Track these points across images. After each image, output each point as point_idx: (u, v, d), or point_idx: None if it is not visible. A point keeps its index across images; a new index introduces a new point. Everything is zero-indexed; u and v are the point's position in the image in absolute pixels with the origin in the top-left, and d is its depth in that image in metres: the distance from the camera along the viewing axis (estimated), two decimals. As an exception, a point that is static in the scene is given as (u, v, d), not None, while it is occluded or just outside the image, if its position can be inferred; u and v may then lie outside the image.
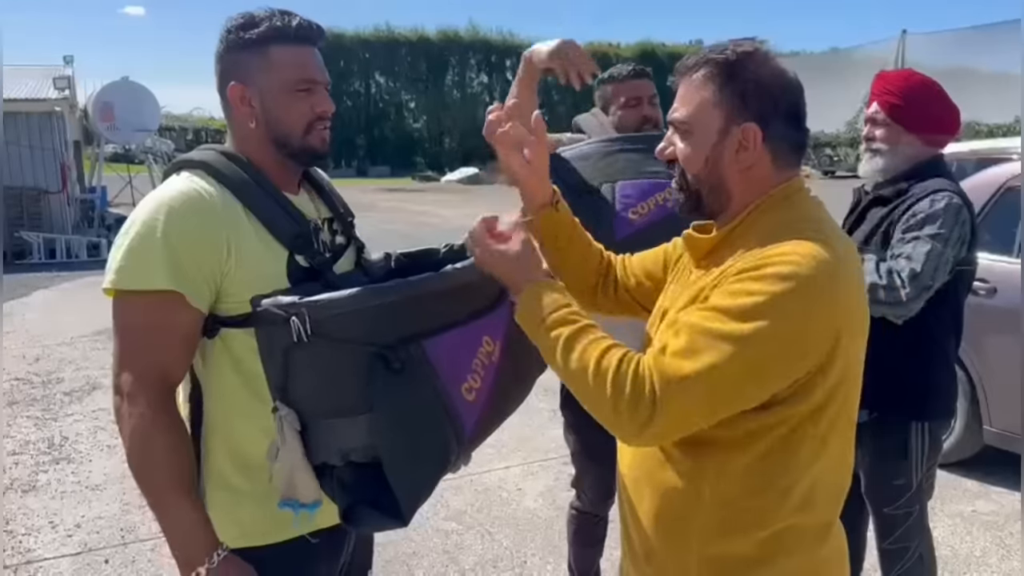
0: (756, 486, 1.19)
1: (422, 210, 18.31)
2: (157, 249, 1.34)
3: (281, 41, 1.42)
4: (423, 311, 1.32)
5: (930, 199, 2.18)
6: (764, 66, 1.24)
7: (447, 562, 3.32)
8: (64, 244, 12.21)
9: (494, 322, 1.45)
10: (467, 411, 1.37)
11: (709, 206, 1.29)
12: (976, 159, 6.73)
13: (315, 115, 1.45)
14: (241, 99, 1.44)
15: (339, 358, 1.26)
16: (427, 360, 1.30)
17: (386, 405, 1.26)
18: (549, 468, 4.25)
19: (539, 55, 2.17)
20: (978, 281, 3.85)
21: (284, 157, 1.47)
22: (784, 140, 1.24)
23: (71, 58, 16.47)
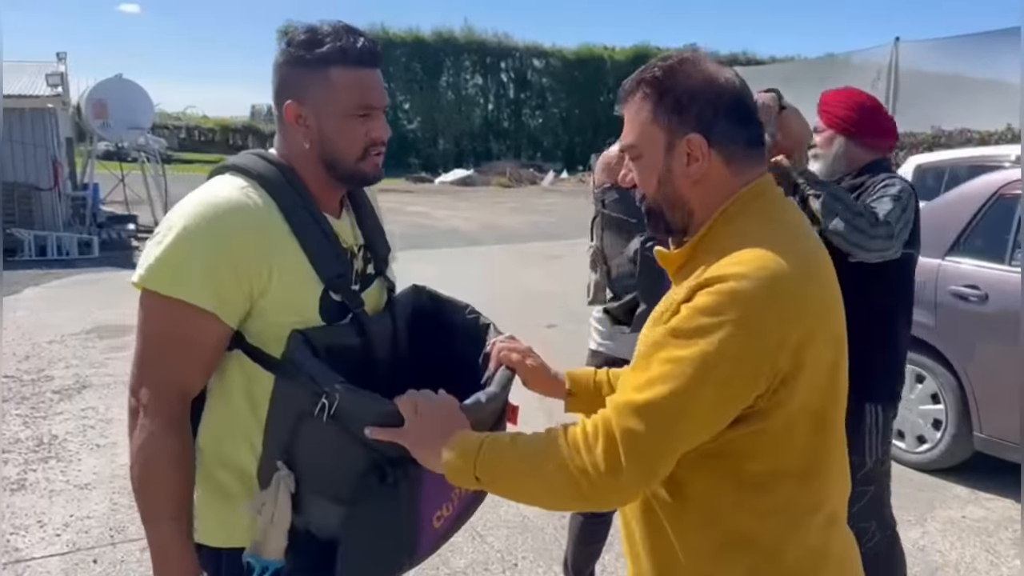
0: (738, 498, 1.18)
1: (417, 211, 18.29)
2: (197, 260, 1.30)
3: (343, 63, 1.37)
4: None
5: (884, 183, 2.39)
6: (694, 74, 1.22)
7: (438, 564, 3.31)
8: (55, 241, 12.14)
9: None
10: (428, 537, 1.41)
11: (675, 224, 1.28)
12: (968, 166, 6.80)
13: (370, 140, 1.41)
14: (297, 118, 1.39)
15: (343, 449, 1.28)
16: (418, 485, 1.33)
17: (365, 510, 1.29)
18: (541, 471, 4.24)
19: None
20: (969, 288, 3.88)
21: (333, 179, 1.44)
22: (733, 142, 1.22)
23: (64, 55, 16.38)
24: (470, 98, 35.96)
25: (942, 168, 7.28)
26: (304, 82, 1.38)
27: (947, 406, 3.99)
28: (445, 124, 34.80)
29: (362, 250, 1.52)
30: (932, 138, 17.50)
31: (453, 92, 35.38)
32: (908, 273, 2.47)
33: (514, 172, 28.20)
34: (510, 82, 36.20)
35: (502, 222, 16.10)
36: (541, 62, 36.05)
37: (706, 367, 1.08)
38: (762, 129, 1.29)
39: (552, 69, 35.98)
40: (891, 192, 2.33)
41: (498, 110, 36.26)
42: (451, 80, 35.35)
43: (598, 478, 1.10)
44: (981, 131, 16.86)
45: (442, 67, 34.90)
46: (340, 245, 1.44)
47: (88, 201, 14.21)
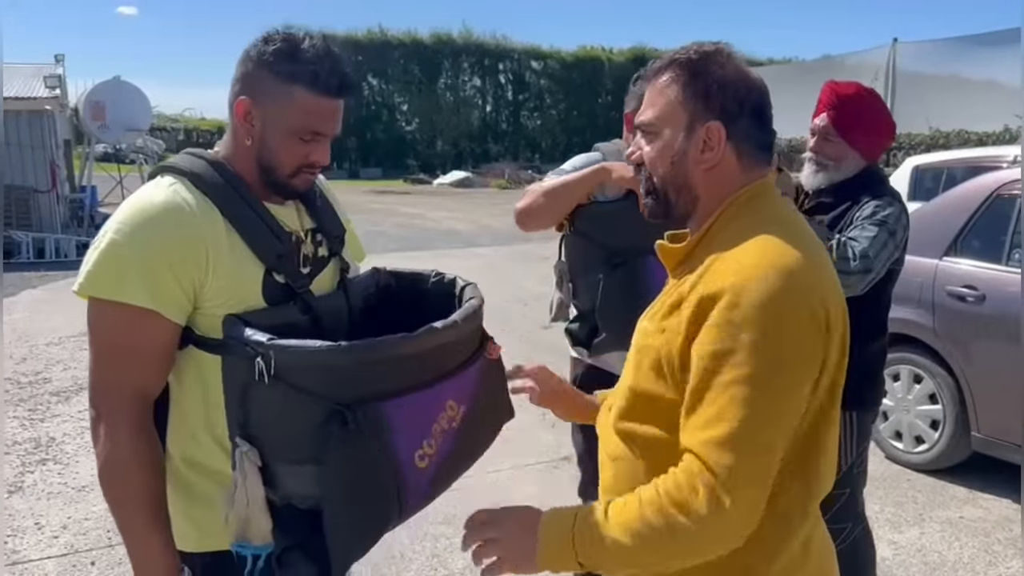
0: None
1: (414, 212, 18.29)
2: (133, 262, 1.32)
3: (309, 87, 1.37)
4: (390, 371, 1.29)
5: (874, 204, 2.35)
6: (727, 66, 1.25)
7: (436, 565, 3.31)
8: (53, 243, 12.14)
9: (462, 384, 1.43)
10: (415, 479, 1.34)
11: (677, 208, 1.29)
12: (966, 166, 6.81)
13: (308, 162, 1.44)
14: (245, 115, 1.41)
15: (296, 406, 1.25)
16: (385, 423, 1.27)
17: (335, 463, 1.24)
18: (539, 472, 4.24)
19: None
20: (967, 288, 3.89)
21: (262, 181, 1.45)
22: (748, 139, 1.25)
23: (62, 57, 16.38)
24: (468, 100, 36.04)
25: (940, 169, 7.30)
26: (265, 87, 1.39)
27: (945, 406, 4.00)
28: (443, 126, 34.83)
29: (311, 234, 1.53)
30: (930, 139, 17.53)
31: (451, 94, 35.45)
32: (887, 286, 2.46)
33: (512, 174, 28.21)
34: (508, 84, 36.30)
35: (499, 224, 16.09)
36: (539, 64, 36.12)
37: (769, 379, 1.08)
38: (773, 137, 1.30)
39: (550, 71, 36.06)
40: (880, 216, 2.31)
41: (496, 112, 36.33)
42: (449, 82, 35.41)
43: (711, 524, 1.08)
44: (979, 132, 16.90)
45: (440, 69, 34.96)
46: (281, 228, 1.45)
47: (86, 203, 14.21)
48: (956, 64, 18.99)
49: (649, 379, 1.22)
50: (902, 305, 3.90)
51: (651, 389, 1.22)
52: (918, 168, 7.56)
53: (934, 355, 4.03)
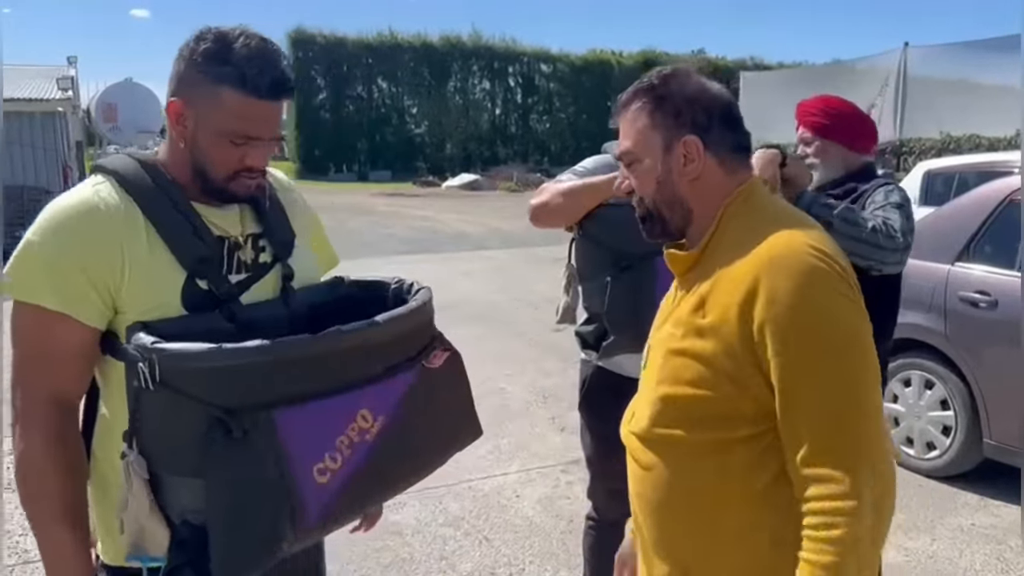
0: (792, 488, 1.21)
1: (424, 215, 18.33)
2: (43, 264, 1.30)
3: (239, 89, 1.33)
4: (285, 376, 1.22)
5: (884, 190, 2.42)
6: (688, 83, 1.33)
7: (445, 568, 3.31)
8: (64, 244, 12.21)
9: (382, 394, 1.34)
10: (314, 495, 1.24)
11: (674, 224, 1.36)
12: (977, 171, 6.78)
13: (243, 166, 1.39)
14: (177, 117, 1.37)
15: (180, 414, 1.18)
16: (275, 433, 1.19)
17: (218, 475, 1.16)
18: (548, 475, 4.24)
19: None
20: (979, 294, 3.87)
21: (198, 185, 1.41)
22: (724, 144, 1.32)
23: (75, 59, 16.54)
24: (478, 103, 36.05)
25: (951, 173, 7.27)
26: (196, 88, 1.35)
27: (956, 412, 3.98)
28: (452, 128, 34.87)
29: (253, 239, 1.48)
30: (940, 143, 17.48)
31: (461, 97, 35.47)
32: (896, 282, 2.47)
33: (521, 177, 28.21)
34: (517, 87, 36.30)
35: (509, 226, 16.09)
36: (548, 67, 36.13)
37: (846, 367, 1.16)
38: (748, 138, 1.38)
39: (559, 74, 36.06)
40: (894, 200, 2.35)
41: (505, 115, 36.32)
42: (459, 85, 35.44)
43: (874, 523, 1.13)
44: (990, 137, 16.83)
45: (450, 72, 35.00)
46: (208, 232, 1.40)
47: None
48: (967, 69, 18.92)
49: (691, 384, 1.24)
50: (913, 310, 3.89)
51: (692, 394, 1.24)
52: (929, 173, 7.53)
53: (946, 361, 4.01)
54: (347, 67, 33.35)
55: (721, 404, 1.22)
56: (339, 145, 33.22)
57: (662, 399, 1.28)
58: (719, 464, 1.23)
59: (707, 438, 1.24)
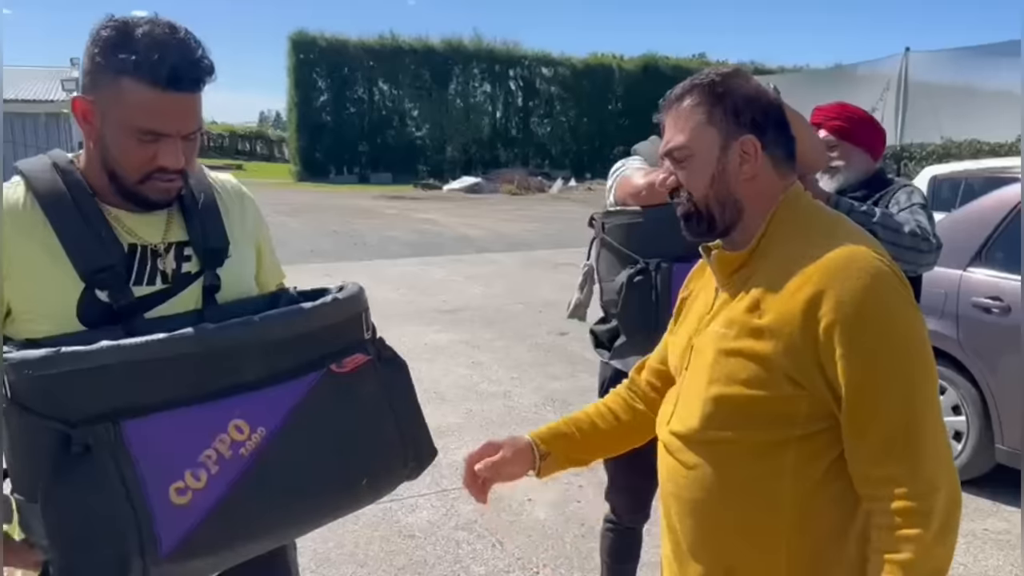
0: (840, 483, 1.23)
1: (426, 218, 18.33)
2: None
3: (138, 78, 1.22)
4: (138, 383, 1.09)
5: (905, 191, 2.50)
6: (747, 84, 1.34)
7: (459, 571, 3.31)
8: (68, 245, 12.22)
9: (265, 402, 1.17)
10: (170, 519, 1.07)
11: (723, 223, 1.35)
12: (984, 177, 6.79)
13: (156, 167, 1.28)
14: (84, 114, 1.28)
15: (26, 431, 1.05)
16: (121, 447, 1.06)
17: (54, 499, 1.02)
18: (558, 479, 4.22)
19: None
20: (991, 299, 3.87)
21: (116, 189, 1.32)
22: (778, 147, 1.34)
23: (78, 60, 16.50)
24: (479, 106, 36.06)
25: (958, 179, 7.28)
26: (97, 82, 1.26)
27: (968, 418, 3.98)
28: (453, 131, 34.88)
29: (176, 247, 1.38)
30: (942, 148, 17.49)
31: (462, 100, 35.49)
32: (918, 284, 2.53)
33: (522, 180, 28.23)
34: (519, 90, 36.30)
35: (511, 229, 16.12)
36: (550, 70, 36.15)
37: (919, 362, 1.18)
38: (794, 143, 1.39)
39: (561, 77, 36.08)
40: (917, 201, 2.41)
41: (506, 118, 36.32)
42: (460, 88, 35.45)
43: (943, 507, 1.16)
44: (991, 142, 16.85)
45: (451, 75, 35.01)
46: (114, 240, 1.30)
47: (100, 205, 14.31)
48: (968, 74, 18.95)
49: (747, 384, 1.24)
50: (925, 315, 3.87)
51: (749, 394, 1.24)
52: (936, 179, 7.54)
53: (958, 366, 4.02)
54: (348, 69, 33.36)
55: (778, 404, 1.22)
56: (340, 147, 33.22)
57: (715, 399, 1.28)
58: (772, 463, 1.24)
59: (762, 438, 1.25)
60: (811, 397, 1.20)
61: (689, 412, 1.34)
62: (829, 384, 1.19)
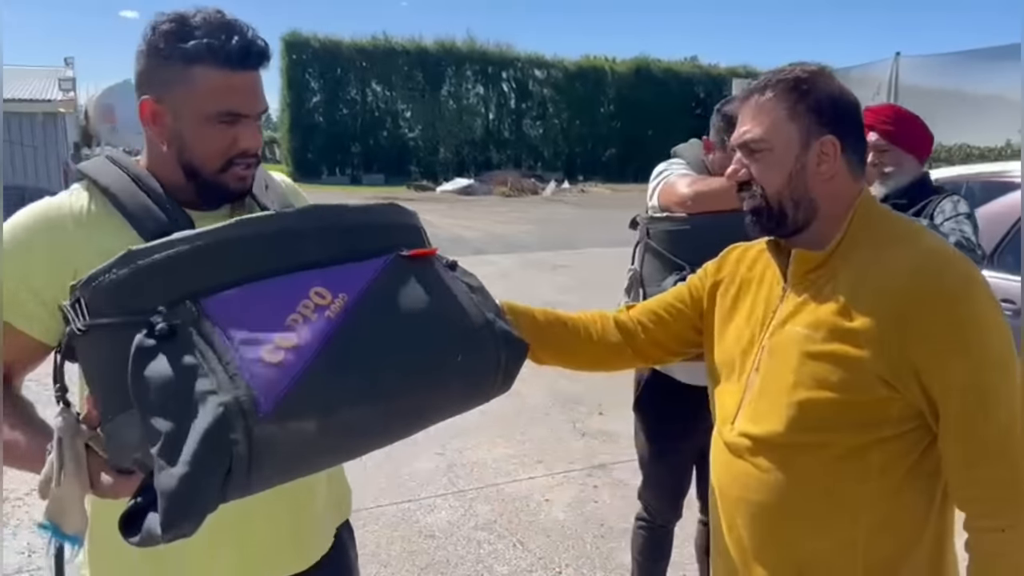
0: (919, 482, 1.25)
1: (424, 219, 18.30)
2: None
3: (210, 63, 1.23)
4: (218, 262, 1.07)
5: (951, 200, 2.53)
6: (831, 84, 1.32)
7: (482, 571, 3.33)
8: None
9: (344, 274, 1.14)
10: (264, 378, 1.00)
11: (794, 222, 1.33)
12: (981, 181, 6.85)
13: (237, 150, 1.29)
14: (153, 117, 1.28)
15: (115, 342, 1.02)
16: (207, 317, 1.02)
17: (142, 382, 0.98)
18: (574, 480, 4.26)
19: None
20: (1004, 302, 3.92)
21: (193, 186, 1.32)
22: (855, 151, 1.33)
23: (72, 59, 16.48)
24: (471, 107, 36.11)
25: (957, 184, 7.33)
26: (164, 78, 1.25)
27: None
28: (446, 133, 34.90)
29: None
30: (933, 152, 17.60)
31: (454, 101, 35.51)
32: None
33: (515, 182, 28.25)
34: (511, 92, 36.37)
35: (507, 231, 16.14)
36: (542, 72, 36.24)
37: (1011, 369, 1.18)
38: (867, 149, 1.39)
39: (553, 79, 36.17)
40: (963, 211, 2.45)
41: (499, 120, 36.39)
42: (453, 89, 35.48)
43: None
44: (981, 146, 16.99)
45: (444, 76, 35.04)
46: (189, 220, 1.30)
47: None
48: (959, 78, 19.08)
49: (838, 388, 1.23)
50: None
51: (840, 398, 1.23)
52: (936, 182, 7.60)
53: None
54: (341, 70, 33.33)
55: (869, 408, 1.22)
56: (332, 148, 33.17)
57: (801, 403, 1.26)
58: (858, 465, 1.24)
59: (850, 440, 1.24)
60: (903, 400, 1.20)
61: (769, 415, 1.31)
62: (924, 388, 1.19)
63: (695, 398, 2.31)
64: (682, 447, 2.42)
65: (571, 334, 1.58)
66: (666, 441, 2.43)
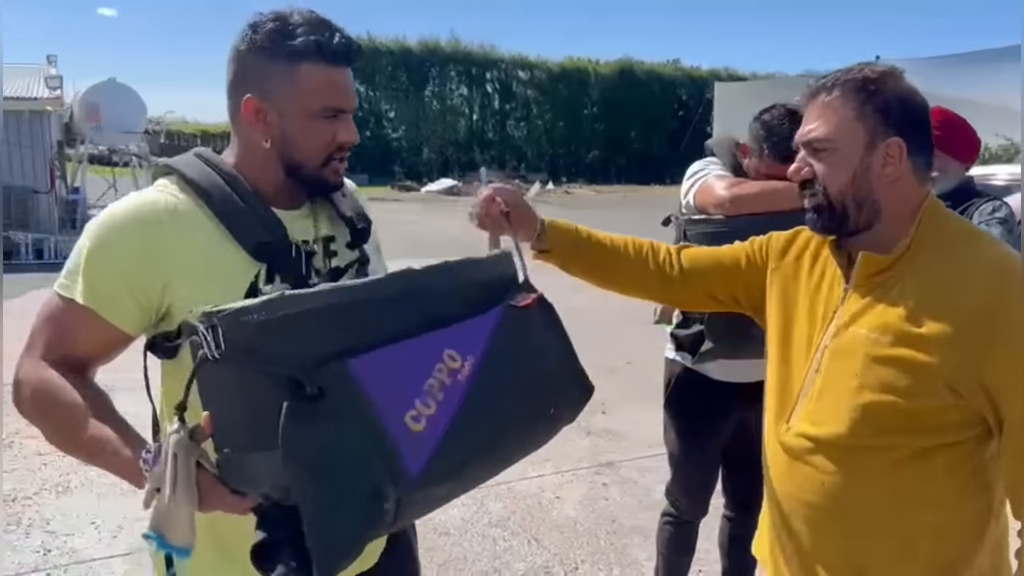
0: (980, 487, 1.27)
1: (412, 219, 18.29)
2: (82, 263, 1.28)
3: (315, 60, 1.27)
4: (357, 321, 1.10)
5: (991, 204, 2.53)
6: (900, 85, 1.32)
7: (499, 567, 3.37)
8: (53, 245, 12.03)
9: (467, 332, 1.21)
10: (413, 445, 1.08)
11: (856, 222, 1.32)
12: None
13: (336, 145, 1.33)
14: (256, 113, 1.30)
15: (247, 380, 1.05)
16: (353, 381, 1.06)
17: (295, 441, 1.02)
18: (583, 478, 4.31)
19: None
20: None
21: (293, 182, 1.36)
22: (921, 154, 1.32)
23: (55, 57, 16.28)
24: (455, 108, 36.05)
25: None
26: (269, 76, 1.28)
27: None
28: (430, 133, 34.82)
29: (323, 243, 1.42)
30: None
31: (438, 102, 35.45)
32: None
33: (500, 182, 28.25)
34: (495, 93, 36.35)
35: (495, 232, 16.14)
36: (526, 74, 36.25)
37: None
38: (933, 152, 1.37)
39: (537, 81, 36.19)
40: (999, 216, 2.46)
41: (483, 120, 36.36)
42: (436, 90, 35.41)
43: None
44: (958, 151, 17.27)
45: (428, 77, 34.96)
46: (277, 220, 1.34)
47: (80, 205, 14.10)
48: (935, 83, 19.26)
49: (906, 394, 1.23)
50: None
51: (907, 403, 1.23)
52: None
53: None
54: (324, 70, 33.08)
55: (935, 413, 1.23)
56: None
57: (867, 407, 1.27)
58: (921, 468, 1.26)
59: (916, 443, 1.25)
60: (968, 406, 1.20)
61: (830, 417, 1.31)
62: (989, 395, 1.19)
63: (726, 395, 2.36)
64: (712, 445, 2.46)
65: (609, 256, 1.64)
66: (697, 439, 2.47)
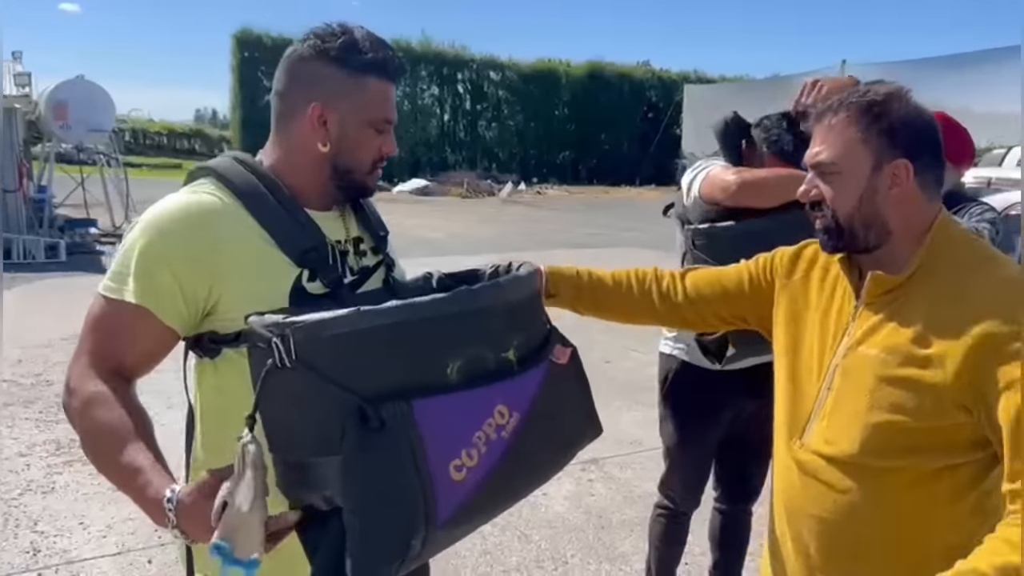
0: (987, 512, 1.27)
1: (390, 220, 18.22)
2: (132, 264, 1.30)
3: (381, 75, 1.39)
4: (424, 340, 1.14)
5: (980, 207, 2.59)
6: (906, 106, 1.33)
7: (491, 562, 3.41)
8: (21, 245, 11.83)
9: (517, 389, 1.26)
10: (448, 493, 1.13)
11: (864, 242, 1.34)
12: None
13: (380, 155, 1.43)
14: (319, 120, 1.37)
15: (315, 393, 1.10)
16: (413, 423, 1.10)
17: (356, 465, 1.08)
18: (569, 474, 4.36)
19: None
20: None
21: (336, 186, 1.43)
22: (929, 174, 1.33)
23: (20, 54, 15.99)
24: (426, 108, 35.95)
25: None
26: (338, 85, 1.37)
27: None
28: (401, 133, 34.27)
29: (353, 243, 1.48)
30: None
31: (409, 102, 35.30)
32: None
33: (472, 183, 28.27)
34: (466, 93, 36.31)
35: (470, 232, 16.18)
36: (497, 74, 36.25)
37: None
38: (944, 171, 1.38)
39: (508, 81, 36.22)
40: (989, 217, 2.52)
41: (454, 121, 36.30)
42: (408, 90, 35.23)
43: None
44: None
45: (399, 76, 34.81)
46: (314, 226, 1.40)
47: (48, 204, 13.87)
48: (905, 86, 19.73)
49: (915, 414, 1.24)
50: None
51: (916, 424, 1.25)
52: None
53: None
54: (294, 70, 32.84)
55: (944, 433, 1.24)
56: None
57: (877, 426, 1.28)
58: (930, 490, 1.27)
59: (922, 466, 1.26)
60: (976, 425, 1.21)
61: (842, 436, 1.33)
62: (989, 411, 1.18)
63: (722, 387, 2.42)
64: (708, 437, 2.52)
65: (612, 292, 1.68)
66: (695, 432, 2.53)
